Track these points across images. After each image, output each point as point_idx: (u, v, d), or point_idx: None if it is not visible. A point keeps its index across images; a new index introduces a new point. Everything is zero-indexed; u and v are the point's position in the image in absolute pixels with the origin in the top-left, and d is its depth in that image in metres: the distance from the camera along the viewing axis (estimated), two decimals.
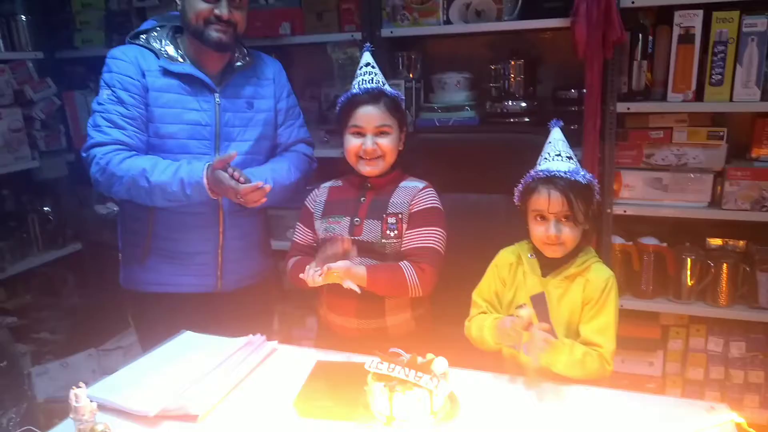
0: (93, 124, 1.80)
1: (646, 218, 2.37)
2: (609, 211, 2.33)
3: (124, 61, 1.80)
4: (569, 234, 1.49)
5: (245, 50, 1.96)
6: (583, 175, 1.50)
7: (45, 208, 3.06)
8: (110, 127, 1.77)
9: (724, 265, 2.31)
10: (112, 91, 1.78)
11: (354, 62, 2.46)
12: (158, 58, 1.82)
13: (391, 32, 2.43)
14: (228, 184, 1.68)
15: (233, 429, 1.31)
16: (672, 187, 2.30)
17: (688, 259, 2.35)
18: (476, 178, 1.82)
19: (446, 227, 1.77)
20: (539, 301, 1.48)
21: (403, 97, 1.88)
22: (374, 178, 1.79)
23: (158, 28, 1.88)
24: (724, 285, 2.32)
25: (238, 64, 1.91)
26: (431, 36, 2.50)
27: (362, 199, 1.78)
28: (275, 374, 1.54)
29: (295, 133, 2.03)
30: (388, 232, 1.72)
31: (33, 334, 2.94)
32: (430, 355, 1.30)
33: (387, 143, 1.74)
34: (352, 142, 1.75)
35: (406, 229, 1.74)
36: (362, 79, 1.78)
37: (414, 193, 1.77)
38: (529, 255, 1.59)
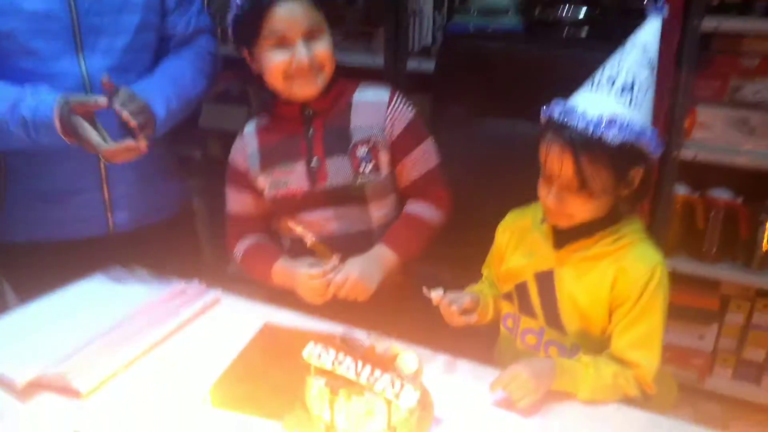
0: None
1: (720, 166, 2.06)
2: (675, 154, 2.01)
3: None
4: (579, 207, 1.06)
5: None
6: (617, 131, 0.99)
7: None
8: None
9: None
10: None
11: None
12: None
13: None
14: (87, 137, 1.26)
15: (122, 413, 1.01)
16: (761, 130, 1.99)
17: (767, 221, 2.06)
18: (517, 101, 1.52)
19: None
20: (545, 282, 1.12)
21: None
22: (315, 101, 1.36)
23: None
24: None
25: None
26: None
27: (310, 132, 1.37)
28: (205, 336, 1.24)
29: (194, 21, 1.57)
30: (362, 167, 1.34)
31: None
32: (396, 347, 0.95)
33: (324, 48, 1.32)
34: (277, 58, 1.30)
35: (394, 159, 1.39)
36: None
37: (382, 110, 1.38)
38: (540, 220, 1.18)
